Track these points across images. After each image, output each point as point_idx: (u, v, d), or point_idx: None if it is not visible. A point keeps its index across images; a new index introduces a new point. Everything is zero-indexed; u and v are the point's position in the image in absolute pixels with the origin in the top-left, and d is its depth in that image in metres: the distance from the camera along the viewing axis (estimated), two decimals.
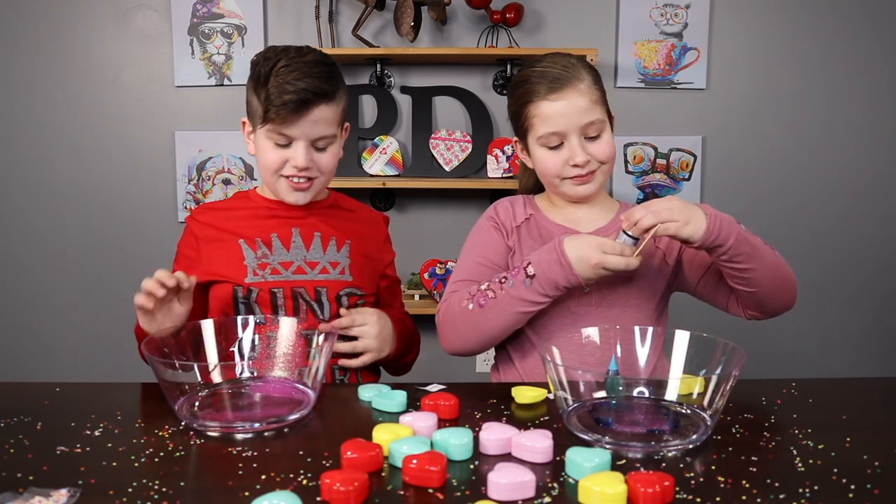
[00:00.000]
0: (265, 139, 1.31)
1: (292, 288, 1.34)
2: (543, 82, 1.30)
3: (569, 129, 1.29)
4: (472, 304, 1.26)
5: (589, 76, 1.31)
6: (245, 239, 1.36)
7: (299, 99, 1.25)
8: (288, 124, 1.27)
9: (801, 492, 0.81)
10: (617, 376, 1.09)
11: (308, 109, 1.26)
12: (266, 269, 1.34)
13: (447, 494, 0.80)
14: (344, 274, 1.38)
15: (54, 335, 2.64)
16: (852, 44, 2.52)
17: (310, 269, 1.36)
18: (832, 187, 2.58)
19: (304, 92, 1.25)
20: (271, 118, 1.26)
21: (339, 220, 1.43)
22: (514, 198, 1.44)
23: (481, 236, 1.39)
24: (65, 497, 0.79)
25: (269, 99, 1.25)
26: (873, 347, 2.66)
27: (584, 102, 1.28)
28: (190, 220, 1.42)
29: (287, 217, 1.39)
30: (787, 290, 1.30)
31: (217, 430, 0.98)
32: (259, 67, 1.29)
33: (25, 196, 2.58)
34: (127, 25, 2.51)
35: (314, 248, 1.38)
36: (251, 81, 1.32)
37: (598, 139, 1.30)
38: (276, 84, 1.25)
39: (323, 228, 1.40)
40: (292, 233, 1.38)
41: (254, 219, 1.39)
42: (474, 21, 2.51)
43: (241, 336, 1.20)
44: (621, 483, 0.78)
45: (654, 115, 2.53)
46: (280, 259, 1.35)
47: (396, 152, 2.48)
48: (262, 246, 1.36)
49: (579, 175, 1.31)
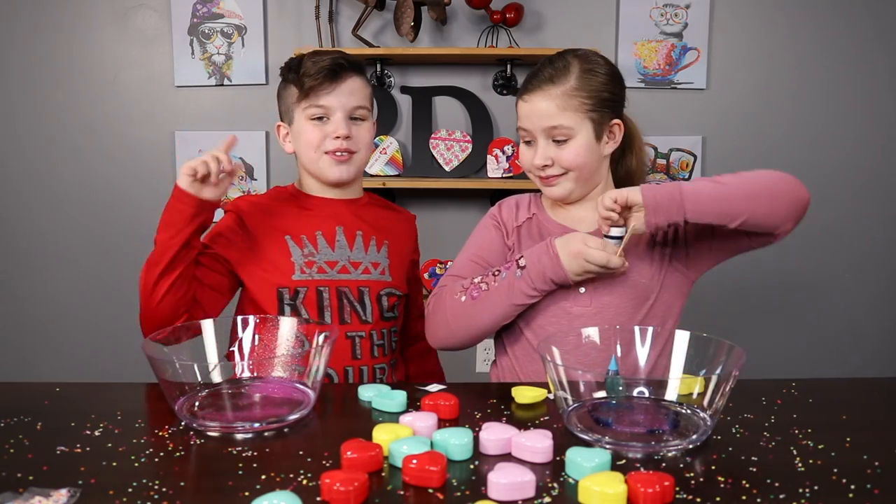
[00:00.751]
0: (303, 120, 1.38)
1: (337, 287, 1.38)
2: (527, 80, 1.32)
3: (533, 129, 1.30)
4: (464, 296, 1.28)
5: (577, 82, 1.28)
6: (291, 235, 1.39)
7: (334, 65, 1.35)
8: (324, 94, 1.35)
9: (801, 492, 0.81)
10: (617, 376, 1.09)
11: (342, 77, 1.36)
12: (313, 267, 1.38)
13: (447, 494, 0.80)
14: (384, 274, 1.43)
15: (54, 335, 2.64)
16: (853, 43, 2.52)
17: (353, 268, 1.40)
18: (832, 187, 2.58)
19: (338, 58, 1.36)
20: (308, 89, 1.35)
21: (377, 219, 1.48)
22: (521, 196, 1.45)
23: (481, 234, 1.41)
24: (65, 497, 0.79)
25: (305, 73, 1.35)
26: (873, 347, 2.66)
27: (548, 108, 1.28)
28: (233, 207, 1.43)
29: (330, 214, 1.43)
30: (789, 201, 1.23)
31: (217, 430, 0.98)
32: (287, 65, 1.41)
33: (25, 196, 2.58)
34: (127, 25, 2.51)
35: (357, 247, 1.42)
36: (283, 77, 1.42)
37: (563, 144, 1.29)
38: (308, 64, 1.35)
39: (364, 227, 1.44)
40: (336, 231, 1.41)
41: (300, 213, 1.42)
42: (474, 21, 2.51)
43: (241, 336, 1.20)
44: (621, 483, 0.78)
45: (654, 115, 2.53)
46: (326, 258, 1.39)
47: (396, 152, 2.48)
48: (307, 244, 1.39)
49: (541, 176, 1.33)
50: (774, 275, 2.63)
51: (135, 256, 2.57)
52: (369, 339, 1.41)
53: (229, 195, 2.54)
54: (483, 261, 1.37)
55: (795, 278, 2.63)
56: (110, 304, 2.61)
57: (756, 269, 2.62)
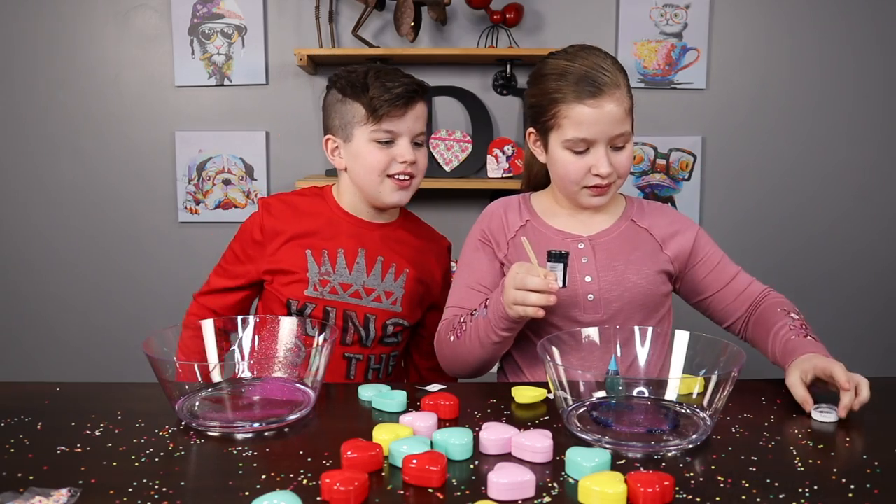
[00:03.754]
0: (367, 142, 1.36)
1: (345, 310, 1.38)
2: (578, 81, 1.22)
3: (600, 137, 1.23)
4: (452, 336, 1.28)
5: (625, 83, 1.26)
6: (312, 249, 1.39)
7: (408, 91, 1.34)
8: (395, 119, 1.35)
9: (801, 492, 0.81)
10: (617, 376, 1.09)
11: (414, 103, 1.36)
12: (326, 286, 1.38)
13: (447, 494, 0.80)
14: (395, 305, 1.42)
15: (54, 334, 2.64)
16: (852, 44, 2.52)
17: (366, 295, 1.40)
18: (832, 187, 2.59)
19: (411, 85, 1.35)
20: (381, 115, 1.33)
21: (404, 245, 1.46)
22: (507, 201, 1.39)
23: (472, 256, 1.36)
24: (65, 497, 0.79)
25: (376, 97, 1.33)
26: (873, 347, 2.66)
27: (619, 112, 1.23)
28: (263, 210, 1.43)
29: (357, 233, 1.41)
30: None
31: (217, 430, 0.98)
32: (346, 79, 1.37)
33: (26, 195, 2.58)
34: (127, 26, 2.51)
35: (374, 274, 1.41)
36: (341, 93, 1.37)
37: (622, 150, 1.26)
38: (378, 85, 1.33)
39: (386, 254, 1.43)
40: (358, 253, 1.41)
41: (327, 227, 1.41)
42: (474, 21, 2.51)
43: (241, 336, 1.20)
44: (621, 483, 0.78)
45: (653, 115, 2.53)
46: (341, 280, 1.39)
47: None
48: (326, 261, 1.39)
49: (598, 185, 1.26)
50: (774, 275, 2.62)
51: (135, 256, 2.59)
52: (366, 362, 1.42)
53: (231, 196, 2.54)
54: (480, 286, 1.33)
55: (795, 278, 2.63)
56: (110, 303, 2.61)
57: (755, 269, 2.61)
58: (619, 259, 1.29)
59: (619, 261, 1.29)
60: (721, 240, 2.58)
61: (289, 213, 1.43)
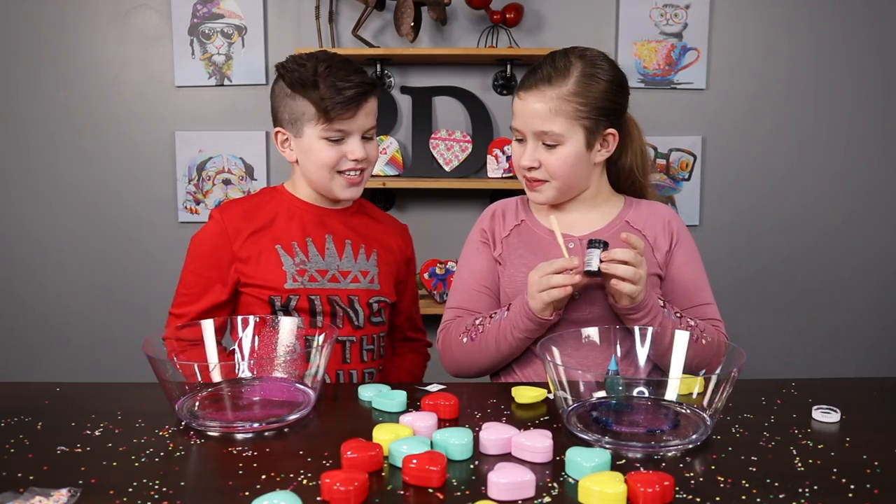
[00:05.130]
0: (318, 139, 1.34)
1: (328, 296, 1.38)
2: (528, 75, 1.29)
3: (523, 128, 1.28)
4: (466, 337, 1.29)
5: (575, 87, 1.24)
6: (282, 243, 1.38)
7: (359, 92, 1.31)
8: (347, 119, 1.33)
9: (801, 492, 0.81)
10: (617, 376, 1.09)
11: (365, 101, 1.34)
12: (304, 275, 1.37)
13: (447, 494, 0.80)
14: (373, 283, 1.43)
15: (55, 334, 2.64)
16: (852, 44, 2.51)
17: (342, 277, 1.40)
18: (831, 187, 2.58)
19: (362, 84, 1.32)
20: (332, 116, 1.31)
21: (366, 227, 1.47)
22: (507, 202, 1.42)
23: (472, 256, 1.38)
24: (65, 497, 0.79)
25: (327, 97, 1.30)
26: (874, 347, 2.66)
27: (539, 110, 1.24)
28: (218, 217, 1.40)
29: (319, 221, 1.41)
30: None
31: (217, 430, 0.98)
32: (296, 73, 1.32)
33: (26, 195, 2.58)
34: (127, 26, 2.51)
35: (346, 256, 1.41)
36: (289, 88, 1.34)
37: (551, 149, 1.26)
38: (329, 85, 1.30)
39: (352, 236, 1.43)
40: (326, 239, 1.41)
41: (289, 220, 1.41)
42: (474, 21, 2.51)
43: (241, 336, 1.20)
44: (621, 483, 0.78)
45: (653, 116, 2.53)
46: (317, 266, 1.39)
47: (396, 152, 2.48)
48: (298, 252, 1.38)
49: (527, 178, 1.30)
50: (774, 275, 2.63)
51: (135, 256, 2.58)
52: (359, 343, 1.42)
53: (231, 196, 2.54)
54: (480, 285, 1.35)
55: (795, 278, 2.62)
56: (111, 303, 2.61)
57: (756, 269, 2.62)
58: None
59: None
60: (720, 240, 2.61)
61: (241, 213, 1.41)
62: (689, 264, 1.34)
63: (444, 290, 2.43)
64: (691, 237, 1.37)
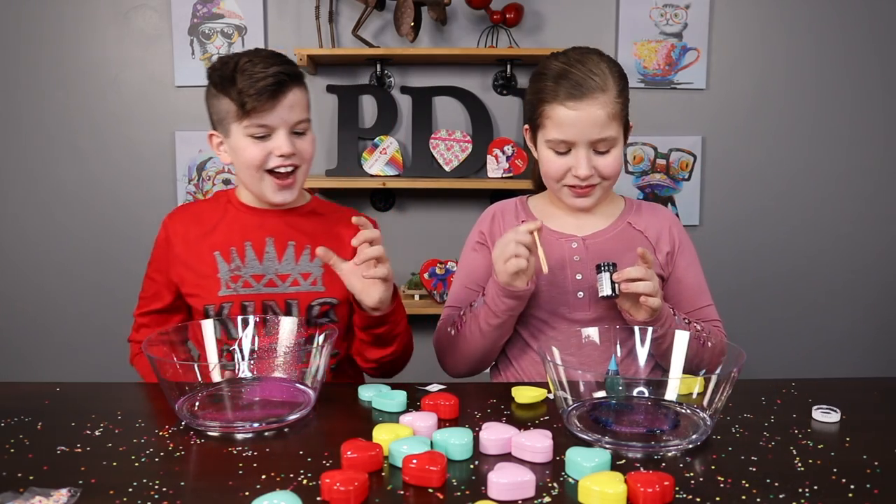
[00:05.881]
0: (243, 137, 1.29)
1: (263, 301, 1.33)
2: (565, 84, 1.23)
3: (579, 139, 1.24)
4: (452, 329, 1.32)
5: (616, 86, 1.25)
6: (220, 250, 1.35)
7: (276, 82, 1.25)
8: (266, 112, 1.26)
9: (801, 492, 0.81)
10: (617, 376, 1.09)
11: (284, 93, 1.27)
12: (238, 281, 1.33)
13: (447, 494, 0.81)
14: (316, 285, 1.36)
15: (54, 335, 2.64)
16: (851, 43, 2.51)
17: (281, 281, 1.35)
18: (832, 187, 2.58)
19: (278, 75, 1.25)
20: (249, 109, 1.25)
21: (317, 225, 1.40)
22: (506, 204, 1.42)
23: (470, 257, 1.40)
24: (65, 497, 0.79)
25: (243, 91, 1.24)
26: (873, 347, 2.66)
27: (600, 117, 1.23)
28: (166, 224, 1.40)
29: (261, 224, 1.37)
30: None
31: (217, 430, 0.98)
32: (219, 72, 1.29)
33: (26, 195, 2.58)
34: (128, 26, 2.51)
35: (286, 259, 1.36)
36: (214, 88, 1.30)
37: (606, 154, 1.26)
38: (245, 77, 1.25)
39: (298, 237, 1.37)
40: (266, 243, 1.36)
41: (231, 224, 1.37)
42: (474, 21, 2.51)
43: (241, 336, 1.20)
44: (621, 483, 0.78)
45: (653, 115, 2.53)
46: (252, 272, 1.34)
47: (396, 152, 2.48)
48: (235, 258, 1.35)
49: (578, 186, 1.28)
50: (774, 275, 2.63)
51: (135, 256, 2.58)
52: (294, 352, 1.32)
53: None
54: (476, 285, 1.36)
55: (795, 278, 2.62)
56: (111, 303, 2.61)
57: (756, 269, 2.62)
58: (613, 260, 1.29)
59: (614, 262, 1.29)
60: (720, 240, 2.61)
61: (188, 218, 1.40)
62: (691, 268, 1.36)
63: (444, 290, 2.43)
64: (690, 239, 1.39)
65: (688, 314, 1.32)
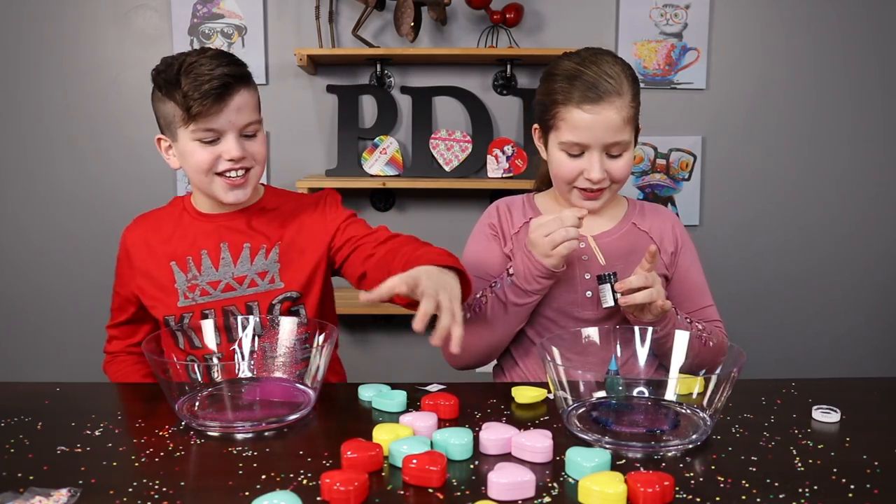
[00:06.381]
0: (190, 141, 1.25)
1: (223, 307, 1.31)
2: (580, 87, 1.23)
3: (593, 143, 1.24)
4: (469, 313, 1.28)
5: (630, 90, 1.25)
6: (176, 260, 1.33)
7: (221, 85, 1.20)
8: (213, 116, 1.22)
9: (801, 492, 0.81)
10: (617, 376, 1.09)
11: (230, 95, 1.22)
12: (196, 290, 1.31)
13: (447, 494, 0.80)
14: (274, 282, 1.32)
15: (54, 335, 2.64)
16: (851, 43, 2.51)
17: (238, 284, 1.32)
18: (832, 187, 2.58)
19: (224, 77, 1.21)
20: (195, 114, 1.21)
21: (272, 219, 1.36)
22: (511, 200, 1.42)
23: (480, 246, 1.38)
24: (65, 497, 0.79)
25: (188, 95, 1.20)
26: (874, 347, 2.66)
27: (616, 121, 1.22)
28: (125, 237, 1.39)
29: (215, 230, 1.34)
30: None
31: (217, 430, 0.98)
32: (163, 75, 1.25)
33: (25, 195, 2.58)
34: (128, 26, 2.51)
35: (241, 261, 1.32)
36: (158, 91, 1.27)
37: (618, 158, 1.26)
38: (189, 80, 1.20)
39: (253, 238, 1.34)
40: (221, 248, 1.33)
41: (186, 233, 1.35)
42: (474, 21, 2.51)
43: (241, 336, 1.20)
44: (621, 483, 0.78)
45: (653, 116, 2.53)
46: (208, 279, 1.31)
47: (396, 152, 2.48)
48: (192, 267, 1.32)
49: (589, 189, 1.28)
50: (774, 275, 2.63)
51: None
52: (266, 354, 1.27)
53: None
54: (486, 274, 1.34)
55: (795, 278, 2.62)
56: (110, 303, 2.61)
57: (755, 269, 2.62)
58: (619, 260, 1.30)
59: (619, 262, 1.29)
60: (720, 240, 2.61)
61: (146, 228, 1.39)
62: (693, 268, 1.37)
63: None
64: (691, 239, 1.40)
65: (689, 314, 1.32)
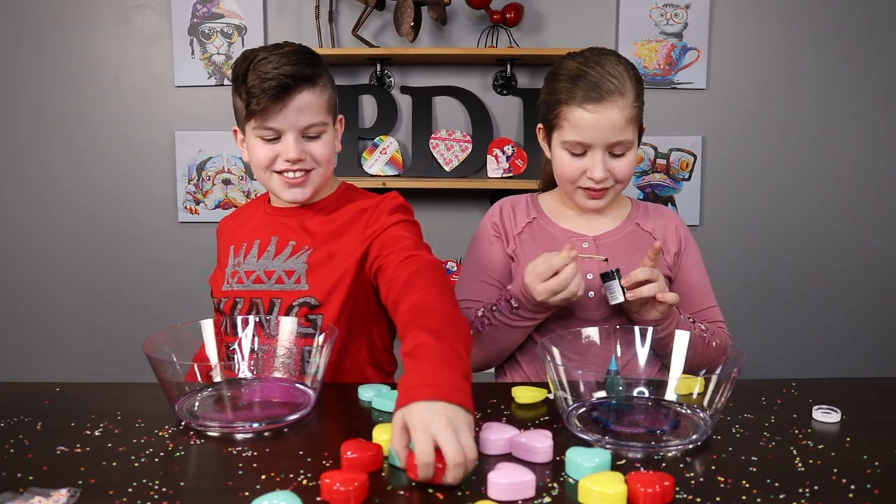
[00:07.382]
0: (253, 137, 1.26)
1: (251, 299, 1.30)
2: (583, 86, 1.23)
3: (596, 142, 1.24)
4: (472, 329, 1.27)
5: (633, 90, 1.24)
6: (235, 244, 1.37)
7: (279, 84, 1.19)
8: (272, 114, 1.21)
9: (801, 492, 0.81)
10: (617, 376, 1.09)
11: (290, 95, 1.21)
12: (235, 277, 1.33)
13: (447, 494, 0.80)
14: (299, 283, 1.28)
15: (55, 335, 2.64)
16: (851, 43, 2.51)
17: (267, 278, 1.30)
18: (832, 187, 2.58)
19: (283, 77, 1.19)
20: (254, 110, 1.21)
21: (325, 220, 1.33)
22: (515, 199, 1.42)
23: (483, 247, 1.38)
24: (65, 497, 0.79)
25: (250, 92, 1.20)
26: (873, 347, 2.66)
27: (619, 120, 1.22)
28: (219, 222, 1.47)
29: (273, 223, 1.35)
30: None
31: (217, 430, 0.98)
32: (236, 68, 1.25)
33: (25, 196, 2.58)
34: (127, 26, 2.51)
35: (280, 257, 1.31)
36: (233, 84, 1.28)
37: (621, 157, 1.27)
38: (255, 76, 1.20)
39: (300, 236, 1.32)
40: (271, 241, 1.33)
41: (253, 222, 1.39)
42: (474, 21, 2.51)
43: (241, 336, 1.20)
44: (621, 483, 0.78)
45: (653, 115, 2.51)
46: (247, 268, 1.32)
47: (396, 152, 2.48)
48: (242, 253, 1.34)
49: (593, 189, 1.28)
50: (774, 274, 2.63)
51: (135, 256, 2.58)
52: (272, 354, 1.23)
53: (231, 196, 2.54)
54: (492, 279, 1.35)
55: (795, 278, 2.62)
56: (111, 303, 2.61)
57: (756, 269, 2.62)
58: (622, 260, 1.29)
59: (622, 262, 1.29)
60: (721, 240, 2.61)
61: (235, 215, 1.45)
62: (696, 269, 1.37)
63: None
64: (695, 241, 1.40)
65: (693, 315, 1.32)
